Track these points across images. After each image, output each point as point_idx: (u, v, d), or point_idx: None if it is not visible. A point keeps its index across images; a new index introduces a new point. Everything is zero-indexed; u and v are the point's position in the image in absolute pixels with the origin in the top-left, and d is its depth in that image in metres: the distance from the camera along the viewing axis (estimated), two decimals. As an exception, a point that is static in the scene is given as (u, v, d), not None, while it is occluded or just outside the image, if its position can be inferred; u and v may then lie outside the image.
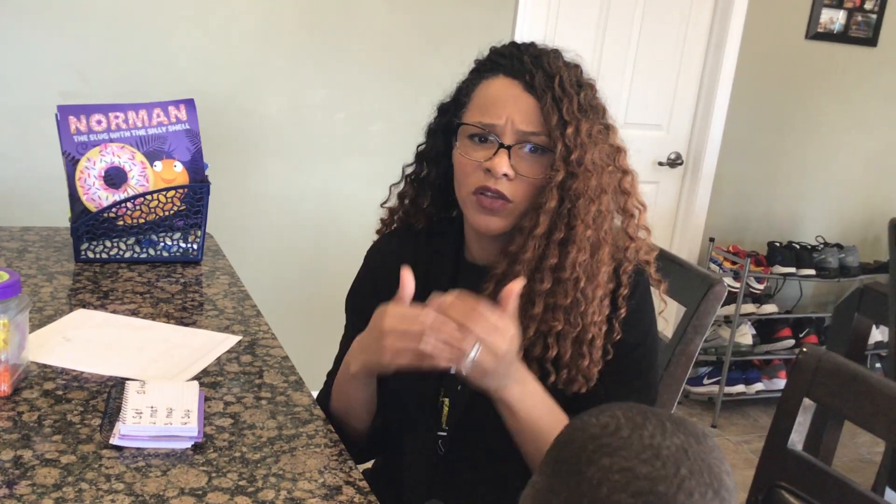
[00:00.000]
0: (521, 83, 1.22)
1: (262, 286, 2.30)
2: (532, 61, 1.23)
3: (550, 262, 1.21)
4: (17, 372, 1.21)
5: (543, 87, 1.21)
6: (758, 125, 3.69)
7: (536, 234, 1.21)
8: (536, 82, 1.21)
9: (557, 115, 1.20)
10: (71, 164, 1.74)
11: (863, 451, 3.45)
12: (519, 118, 1.21)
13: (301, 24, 2.82)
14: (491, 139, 1.23)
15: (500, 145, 1.22)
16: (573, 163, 1.20)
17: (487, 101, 1.24)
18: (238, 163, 2.83)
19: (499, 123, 1.22)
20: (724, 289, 1.51)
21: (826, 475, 1.21)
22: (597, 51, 3.32)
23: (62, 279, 1.67)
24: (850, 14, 3.66)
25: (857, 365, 1.24)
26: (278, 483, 1.06)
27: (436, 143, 1.35)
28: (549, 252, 1.22)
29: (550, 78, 1.21)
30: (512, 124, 1.21)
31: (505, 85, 1.24)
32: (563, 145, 1.20)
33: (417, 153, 1.39)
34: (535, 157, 1.23)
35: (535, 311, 1.21)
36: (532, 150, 1.22)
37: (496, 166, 1.21)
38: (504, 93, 1.23)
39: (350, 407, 1.30)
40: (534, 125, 1.21)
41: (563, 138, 1.20)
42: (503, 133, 1.22)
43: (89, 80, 2.59)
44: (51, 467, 1.04)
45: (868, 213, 4.05)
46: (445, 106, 1.35)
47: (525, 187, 1.23)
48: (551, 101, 1.20)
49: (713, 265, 3.65)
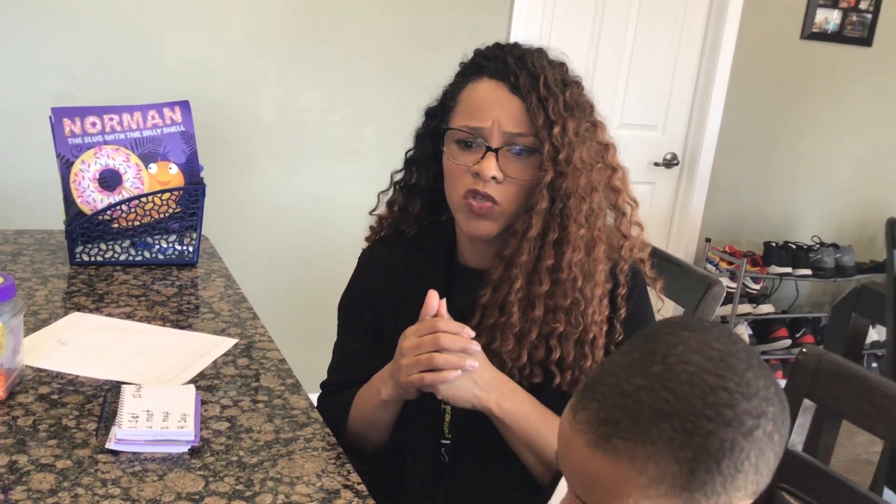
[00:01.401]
0: (506, 85, 1.22)
1: (258, 288, 2.29)
2: (516, 62, 1.23)
3: (547, 264, 1.21)
4: (11, 376, 1.20)
5: (528, 87, 1.21)
6: (753, 125, 3.69)
7: (530, 236, 1.21)
8: (521, 83, 1.21)
9: (543, 115, 1.20)
10: (65, 166, 1.73)
11: (860, 451, 3.45)
12: (505, 120, 1.21)
13: (295, 27, 2.81)
14: (478, 143, 1.22)
15: (487, 149, 1.21)
16: (561, 162, 1.20)
17: (473, 105, 1.24)
18: (233, 165, 2.82)
19: (485, 126, 1.21)
20: (723, 289, 1.51)
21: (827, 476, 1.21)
22: (592, 52, 3.32)
23: (57, 282, 1.66)
24: (845, 14, 3.67)
25: (857, 365, 1.24)
26: (276, 487, 1.05)
27: (424, 148, 1.35)
28: (544, 254, 1.21)
29: (535, 78, 1.21)
30: (498, 126, 1.21)
31: (490, 87, 1.23)
32: (551, 145, 1.20)
33: (406, 159, 1.39)
34: (523, 159, 1.22)
35: (536, 313, 1.21)
36: (520, 151, 1.22)
37: (484, 170, 1.21)
38: (489, 95, 1.23)
39: (374, 427, 1.30)
40: (520, 126, 1.21)
41: (551, 138, 1.20)
42: (490, 136, 1.22)
43: (83, 83, 2.57)
44: (46, 472, 1.03)
45: (863, 213, 4.06)
46: (432, 110, 1.34)
47: (514, 189, 1.23)
48: (537, 102, 1.20)
49: (709, 265, 3.65)
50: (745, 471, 0.73)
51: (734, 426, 0.72)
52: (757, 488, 0.75)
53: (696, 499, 0.73)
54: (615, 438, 0.73)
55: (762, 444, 0.73)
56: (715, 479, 0.72)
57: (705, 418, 0.71)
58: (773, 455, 0.75)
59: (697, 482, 0.72)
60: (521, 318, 1.21)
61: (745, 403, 0.73)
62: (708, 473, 0.72)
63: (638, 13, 3.35)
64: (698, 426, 0.71)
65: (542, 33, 3.19)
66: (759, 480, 0.75)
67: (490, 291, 1.24)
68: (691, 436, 0.71)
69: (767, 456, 0.74)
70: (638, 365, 0.75)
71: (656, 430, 0.72)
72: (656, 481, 0.72)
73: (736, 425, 0.72)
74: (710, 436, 0.71)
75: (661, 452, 0.72)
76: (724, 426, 0.72)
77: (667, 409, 0.72)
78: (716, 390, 0.72)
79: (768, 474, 0.76)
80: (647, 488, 0.72)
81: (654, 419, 0.72)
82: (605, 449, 0.73)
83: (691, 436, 0.71)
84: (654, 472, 0.72)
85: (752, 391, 0.74)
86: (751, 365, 0.76)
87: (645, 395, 0.73)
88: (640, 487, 0.73)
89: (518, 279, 1.21)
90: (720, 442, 0.71)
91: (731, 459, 0.72)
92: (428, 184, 1.35)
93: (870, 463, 3.27)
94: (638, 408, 0.73)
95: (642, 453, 0.72)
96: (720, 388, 0.73)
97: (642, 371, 0.74)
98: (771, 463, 0.75)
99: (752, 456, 0.73)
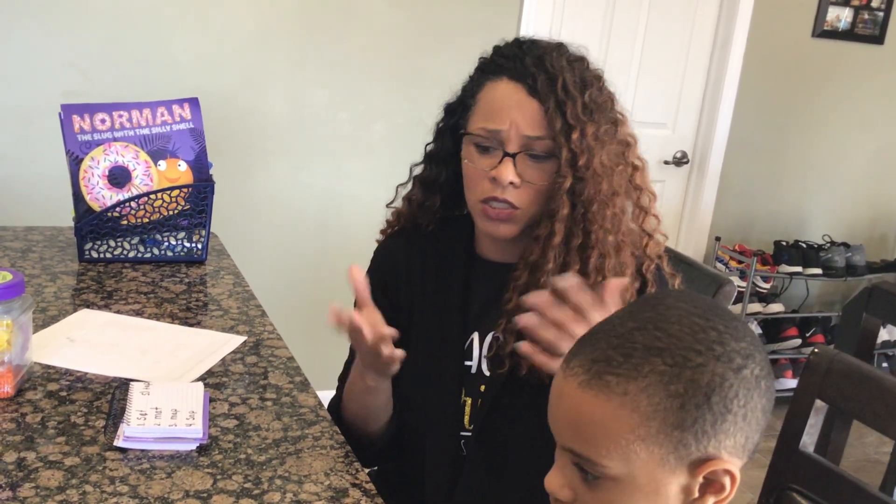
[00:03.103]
0: (524, 87, 1.21)
1: (267, 285, 2.29)
2: (535, 63, 1.21)
3: (574, 269, 1.20)
4: (20, 373, 1.21)
5: (547, 90, 1.19)
6: (764, 123, 3.67)
7: (554, 243, 1.20)
8: (539, 86, 1.19)
9: (561, 120, 1.18)
10: (75, 163, 1.73)
11: (870, 451, 3.43)
12: (523, 123, 1.20)
13: (303, 23, 2.80)
14: (496, 146, 1.21)
15: (504, 154, 1.20)
16: (581, 168, 1.18)
17: (492, 107, 1.23)
18: (241, 162, 2.82)
19: (503, 129, 1.20)
20: (734, 289, 1.50)
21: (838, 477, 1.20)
22: (602, 49, 3.31)
23: (66, 279, 1.66)
24: (857, 12, 3.64)
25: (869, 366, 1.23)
26: (284, 485, 1.05)
27: (444, 144, 1.34)
28: (570, 259, 1.21)
29: (553, 80, 1.19)
30: (516, 129, 1.20)
31: (509, 89, 1.22)
32: (569, 150, 1.18)
33: (426, 154, 1.38)
34: (541, 162, 1.21)
35: None
36: (537, 155, 1.21)
37: (501, 175, 1.20)
38: (508, 97, 1.22)
39: (368, 411, 1.30)
40: (538, 129, 1.20)
41: (569, 143, 1.18)
42: (507, 139, 1.20)
43: (92, 80, 2.58)
44: (55, 469, 1.03)
45: (874, 212, 4.03)
46: (452, 106, 1.33)
47: (533, 193, 1.22)
48: (555, 105, 1.19)
49: (719, 264, 3.63)
50: (735, 412, 0.75)
51: (724, 361, 0.75)
52: (746, 442, 0.77)
53: (687, 440, 0.74)
54: (607, 375, 0.75)
55: (750, 384, 0.76)
56: (705, 417, 0.74)
57: (696, 352, 0.74)
58: (761, 406, 0.77)
59: (689, 419, 0.74)
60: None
61: (735, 343, 0.76)
62: (698, 409, 0.74)
63: (648, 10, 3.34)
64: (688, 359, 0.74)
65: (552, 30, 3.18)
66: (747, 432, 0.76)
67: (515, 296, 1.22)
68: (682, 369, 0.74)
69: (756, 402, 0.76)
70: (629, 314, 0.79)
71: (648, 364, 0.74)
72: (648, 418, 0.74)
73: (725, 360, 0.75)
74: (700, 368, 0.74)
75: (653, 385, 0.74)
76: (713, 359, 0.74)
77: (658, 345, 0.75)
78: (706, 329, 0.76)
79: (757, 428, 0.77)
80: (639, 426, 0.74)
81: (645, 354, 0.75)
82: (598, 387, 0.75)
83: (682, 369, 0.74)
84: (645, 408, 0.74)
85: (739, 335, 0.77)
86: (737, 317, 0.80)
87: (637, 334, 0.76)
88: (632, 426, 0.74)
89: (544, 286, 1.20)
90: (710, 375, 0.74)
91: (720, 395, 0.74)
92: (448, 179, 1.34)
93: (880, 463, 3.25)
94: (631, 346, 0.76)
95: (634, 387, 0.74)
96: (710, 328, 0.76)
97: (634, 317, 0.78)
98: (759, 414, 0.77)
99: (741, 395, 0.75)
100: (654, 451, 0.74)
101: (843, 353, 1.24)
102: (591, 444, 0.76)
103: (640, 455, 0.74)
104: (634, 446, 0.74)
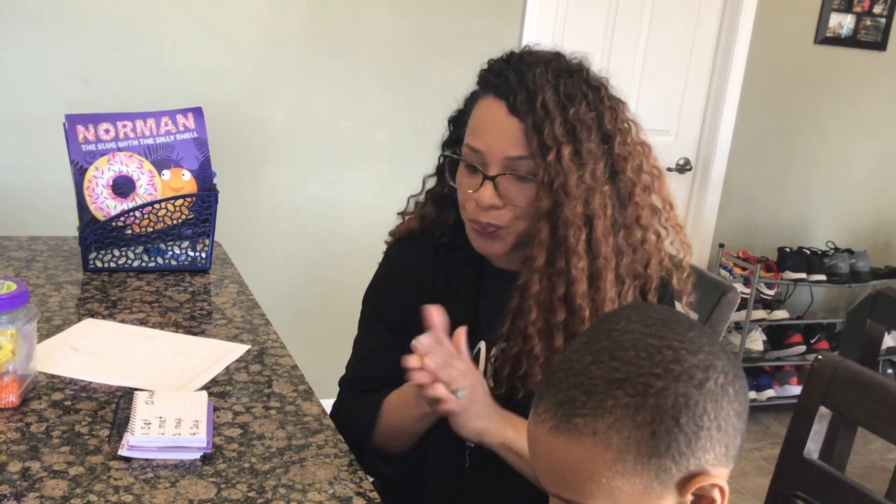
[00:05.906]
0: (505, 104, 1.18)
1: (271, 294, 2.29)
2: (517, 80, 1.18)
3: (559, 293, 1.18)
4: (25, 382, 1.21)
5: (525, 109, 1.16)
6: (767, 130, 3.67)
7: (536, 267, 1.18)
8: (518, 104, 1.17)
9: (538, 140, 1.15)
10: (79, 173, 1.73)
11: (875, 458, 3.42)
12: (504, 143, 1.17)
13: (307, 33, 2.81)
14: (480, 167, 1.20)
15: (484, 177, 1.19)
16: (557, 191, 1.16)
17: (477, 124, 1.22)
18: (245, 171, 2.83)
19: (484, 150, 1.19)
20: (737, 296, 1.50)
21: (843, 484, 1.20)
22: (605, 57, 3.31)
23: (70, 288, 1.66)
24: (859, 18, 3.65)
25: (874, 372, 1.23)
26: (288, 494, 1.05)
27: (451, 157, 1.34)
28: (555, 283, 1.18)
29: (532, 99, 1.16)
30: (497, 150, 1.18)
31: (492, 107, 1.20)
32: (545, 171, 1.15)
33: (437, 168, 1.37)
34: (525, 183, 1.19)
35: (557, 343, 1.19)
36: (522, 176, 1.18)
37: (481, 199, 1.19)
38: (490, 116, 1.20)
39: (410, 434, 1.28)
40: (520, 148, 1.17)
41: (545, 164, 1.15)
42: (489, 160, 1.19)
43: (96, 89, 2.58)
44: (59, 479, 1.03)
45: (878, 218, 4.03)
46: (454, 119, 1.33)
47: (518, 213, 1.20)
48: (532, 125, 1.16)
49: (723, 271, 3.63)
50: (707, 427, 0.74)
51: (684, 380, 0.74)
52: (727, 451, 0.76)
53: (666, 465, 0.74)
54: (574, 417, 0.75)
55: (716, 395, 0.75)
56: (678, 439, 0.73)
57: (655, 377, 0.74)
58: (734, 412, 0.76)
59: (662, 445, 0.73)
60: (545, 347, 1.19)
61: (692, 358, 0.75)
62: (669, 434, 0.73)
63: (650, 18, 3.34)
64: (649, 385, 0.73)
65: (555, 38, 3.18)
66: (726, 441, 0.76)
67: (509, 322, 1.22)
68: (645, 397, 0.73)
69: (727, 411, 0.75)
70: (585, 346, 0.78)
71: (611, 399, 0.74)
72: (622, 452, 0.73)
73: (686, 379, 0.74)
74: (662, 393, 0.73)
75: (621, 420, 0.73)
76: (674, 381, 0.73)
77: (617, 377, 0.74)
78: (660, 350, 0.75)
79: (734, 434, 0.77)
80: (615, 462, 0.74)
81: (607, 389, 0.74)
82: (568, 430, 0.75)
83: (645, 397, 0.73)
84: (617, 443, 0.73)
85: (696, 347, 0.76)
86: (692, 326, 0.78)
87: (595, 368, 0.75)
88: (608, 463, 0.74)
89: (532, 310, 1.19)
90: (674, 397, 0.73)
91: (688, 415, 0.73)
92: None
93: (886, 470, 3.24)
94: (591, 382, 0.75)
95: (603, 425, 0.74)
96: (664, 347, 0.75)
97: (590, 349, 0.77)
98: (733, 420, 0.76)
99: (709, 409, 0.74)
100: (637, 483, 0.74)
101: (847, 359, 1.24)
102: (574, 489, 0.76)
103: (624, 489, 0.74)
104: (616, 482, 0.74)
